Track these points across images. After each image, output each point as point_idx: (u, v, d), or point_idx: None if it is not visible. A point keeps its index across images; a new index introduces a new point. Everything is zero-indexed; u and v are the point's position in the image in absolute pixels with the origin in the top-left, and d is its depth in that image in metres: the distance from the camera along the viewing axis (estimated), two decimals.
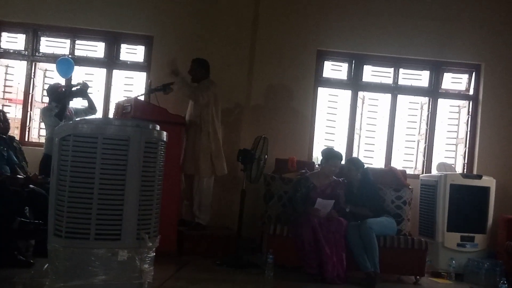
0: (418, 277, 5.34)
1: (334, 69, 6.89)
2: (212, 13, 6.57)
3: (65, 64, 6.21)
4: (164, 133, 3.84)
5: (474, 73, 6.87)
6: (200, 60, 5.96)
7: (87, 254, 3.46)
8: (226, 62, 6.38)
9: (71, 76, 6.33)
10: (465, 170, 6.79)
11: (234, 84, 6.48)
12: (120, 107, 5.65)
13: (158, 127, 3.80)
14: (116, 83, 6.69)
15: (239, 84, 6.54)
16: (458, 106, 7.00)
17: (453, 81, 6.97)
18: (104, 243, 3.48)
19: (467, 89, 6.92)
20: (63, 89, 5.79)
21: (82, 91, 5.81)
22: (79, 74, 6.52)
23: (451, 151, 7.00)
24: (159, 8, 6.53)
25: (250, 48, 6.59)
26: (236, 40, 6.56)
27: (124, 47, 6.71)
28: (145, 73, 6.63)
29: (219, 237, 5.79)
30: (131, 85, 6.70)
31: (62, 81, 6.28)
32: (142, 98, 5.74)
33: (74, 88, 5.78)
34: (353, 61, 6.82)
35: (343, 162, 5.62)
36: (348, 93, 6.85)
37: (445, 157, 6.93)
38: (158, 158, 3.72)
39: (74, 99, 5.87)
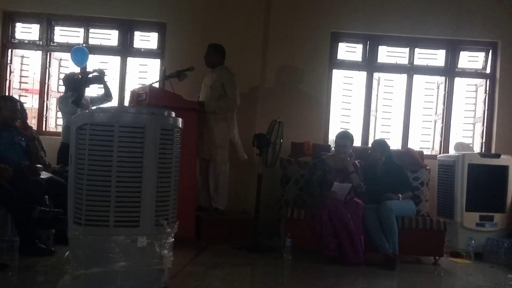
0: (437, 257, 5.33)
1: (349, 51, 6.83)
2: None
3: (80, 53, 6.24)
4: (180, 119, 3.85)
5: (490, 51, 6.78)
6: (216, 45, 5.94)
7: (107, 241, 3.50)
8: (239, 47, 6.35)
9: (86, 65, 6.36)
10: (483, 149, 6.73)
11: (248, 69, 6.45)
12: (135, 94, 5.67)
13: (173, 114, 3.81)
14: (130, 71, 6.71)
15: (253, 68, 6.51)
16: (475, 85, 6.92)
17: (470, 59, 6.88)
18: (123, 230, 3.52)
19: (484, 68, 6.84)
20: (80, 76, 5.82)
21: (99, 77, 5.84)
22: (93, 63, 6.54)
23: (468, 130, 6.93)
24: None
25: (264, 32, 6.55)
26: (249, 24, 6.53)
27: (137, 35, 6.71)
28: (159, 60, 6.64)
29: (237, 221, 5.82)
30: (146, 73, 6.71)
31: (77, 70, 6.32)
32: (156, 85, 5.75)
33: (90, 75, 5.81)
34: (368, 42, 6.76)
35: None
36: (363, 75, 6.79)
37: (463, 136, 6.87)
38: (174, 145, 3.74)
39: (91, 86, 5.91)
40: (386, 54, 6.82)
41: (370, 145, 5.98)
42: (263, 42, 6.54)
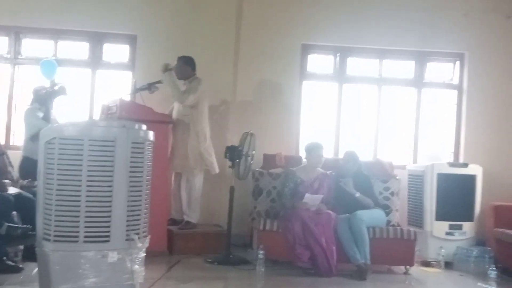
0: (408, 267, 5.38)
1: (319, 63, 6.89)
2: (195, 10, 6.55)
3: (49, 65, 6.16)
4: (151, 132, 3.82)
5: (458, 62, 6.91)
6: (186, 57, 5.94)
7: (77, 257, 3.43)
8: (211, 59, 6.35)
9: (54, 78, 6.27)
10: (452, 159, 6.83)
11: (220, 81, 6.46)
12: (105, 108, 5.63)
13: (144, 127, 3.78)
14: (100, 84, 6.65)
15: (224, 80, 6.53)
16: (443, 96, 7.03)
17: (438, 70, 7.00)
18: (93, 245, 3.46)
19: (452, 79, 6.96)
20: (44, 91, 5.74)
21: (63, 89, 5.75)
22: (62, 76, 6.46)
23: (437, 141, 7.03)
24: (142, 6, 6.50)
25: (235, 43, 6.58)
26: (220, 36, 6.55)
27: (107, 47, 6.67)
28: (130, 72, 6.60)
29: (209, 234, 5.81)
30: (116, 86, 6.65)
31: (46, 83, 6.23)
32: (127, 98, 5.72)
33: (55, 87, 5.74)
34: (338, 54, 6.84)
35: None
36: (334, 86, 6.86)
37: (432, 147, 6.97)
38: (145, 158, 3.70)
39: (56, 99, 5.82)
40: (356, 66, 6.90)
41: (341, 156, 6.02)
42: (234, 54, 6.57)
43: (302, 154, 6.28)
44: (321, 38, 6.73)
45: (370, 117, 6.89)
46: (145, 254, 3.71)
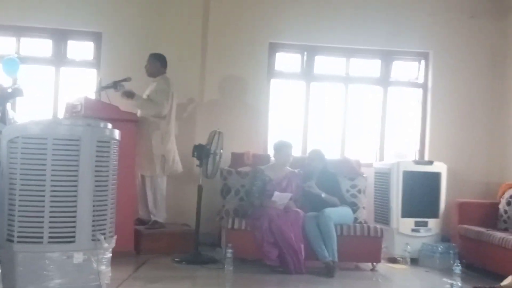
0: (375, 263, 5.44)
1: (287, 61, 6.91)
2: (162, 7, 6.48)
3: (11, 63, 6.01)
4: (117, 131, 3.78)
5: (423, 61, 7.01)
6: (156, 54, 5.90)
7: (41, 258, 3.39)
8: (178, 57, 6.28)
9: (17, 76, 6.13)
10: (417, 156, 6.93)
11: (187, 79, 6.41)
12: (70, 106, 5.53)
13: (110, 126, 3.74)
14: (65, 82, 6.52)
15: (192, 79, 6.48)
16: (409, 94, 7.13)
17: (403, 69, 7.09)
18: (58, 246, 3.42)
19: (417, 77, 7.07)
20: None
21: (18, 91, 5.61)
22: (25, 73, 6.32)
23: (403, 138, 7.13)
24: (107, 3, 6.40)
25: (202, 42, 6.54)
26: (187, 34, 6.49)
27: (72, 44, 6.54)
28: (95, 70, 6.50)
29: (177, 234, 5.76)
30: (81, 83, 6.54)
31: (8, 81, 6.09)
32: (92, 96, 5.63)
33: (9, 89, 5.59)
34: (305, 53, 6.87)
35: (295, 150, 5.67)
36: (301, 85, 6.89)
37: (398, 144, 7.06)
38: (111, 157, 3.67)
39: (12, 100, 5.68)
40: (323, 64, 6.94)
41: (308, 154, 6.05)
42: (201, 52, 6.52)
43: (270, 152, 6.30)
44: (288, 36, 6.75)
45: (337, 115, 6.94)
46: (111, 254, 3.68)
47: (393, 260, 5.84)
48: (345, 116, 6.92)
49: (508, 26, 6.81)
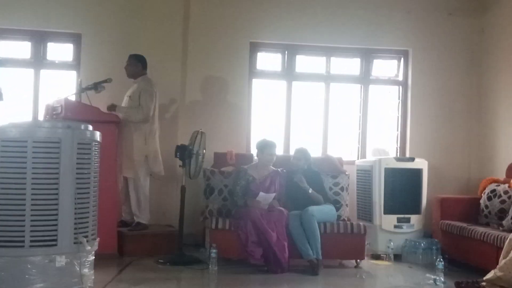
0: (358, 260, 5.47)
1: (268, 61, 6.92)
2: (142, 7, 6.45)
3: None
4: (98, 133, 3.76)
5: (402, 59, 7.07)
6: (136, 55, 5.88)
7: (23, 262, 3.36)
8: (159, 58, 6.26)
9: None
10: (398, 153, 6.99)
11: (169, 80, 6.39)
12: (50, 108, 5.48)
13: (90, 127, 3.72)
14: (44, 84, 6.45)
15: (173, 79, 6.46)
16: (389, 92, 7.18)
17: (383, 67, 7.14)
18: (40, 250, 3.39)
19: (397, 75, 7.12)
20: None
21: None
22: (4, 76, 6.26)
23: (384, 136, 7.18)
24: (87, 5, 6.34)
25: (183, 42, 6.52)
26: (167, 35, 6.47)
27: (51, 46, 6.48)
28: (75, 72, 6.44)
29: (161, 235, 5.74)
30: (61, 85, 6.48)
31: None
32: (73, 98, 5.59)
33: None
34: (286, 52, 6.88)
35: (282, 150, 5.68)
36: (282, 84, 6.90)
37: (379, 142, 7.11)
38: (92, 159, 3.65)
39: None
40: (304, 63, 6.96)
41: (291, 153, 6.07)
42: (182, 53, 6.51)
43: (253, 151, 6.31)
44: (269, 36, 6.76)
45: (319, 113, 6.97)
46: (94, 257, 3.65)
47: (376, 257, 5.89)
48: (326, 114, 6.95)
49: (485, 23, 6.89)
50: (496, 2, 6.70)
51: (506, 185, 5.54)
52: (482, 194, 5.75)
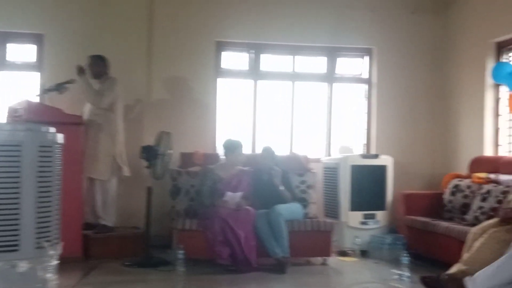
0: (326, 257, 5.52)
1: (234, 60, 6.92)
2: (105, 7, 6.38)
3: None
4: (60, 135, 3.70)
5: (367, 57, 7.14)
6: (99, 56, 5.81)
7: None
8: (123, 57, 6.21)
9: None
10: (364, 151, 7.06)
11: (134, 80, 6.35)
12: (11, 110, 5.38)
13: (53, 129, 3.66)
14: (5, 86, 6.33)
15: (138, 79, 6.42)
16: (354, 90, 7.25)
17: (348, 65, 7.20)
18: (1, 255, 3.31)
19: (361, 73, 7.19)
20: None
21: None
22: None
23: (350, 133, 7.24)
24: (49, 4, 6.25)
25: (148, 41, 6.47)
26: (132, 34, 6.43)
27: (12, 47, 6.36)
28: (38, 73, 6.33)
29: (127, 237, 5.70)
30: (23, 87, 6.36)
31: None
32: (35, 99, 5.49)
33: None
34: (252, 51, 6.89)
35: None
36: (249, 83, 6.91)
37: (345, 139, 7.17)
38: (54, 162, 3.58)
39: None
40: (270, 62, 6.98)
41: (258, 152, 6.08)
42: (147, 53, 6.46)
43: (220, 151, 6.30)
44: (234, 35, 6.75)
45: (285, 112, 6.99)
46: (58, 261, 3.59)
47: (343, 253, 5.94)
48: (292, 112, 6.98)
49: (448, 21, 7.01)
50: (458, 0, 6.82)
51: (469, 180, 5.65)
52: (445, 189, 5.85)
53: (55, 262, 3.54)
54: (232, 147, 5.58)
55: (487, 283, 3.74)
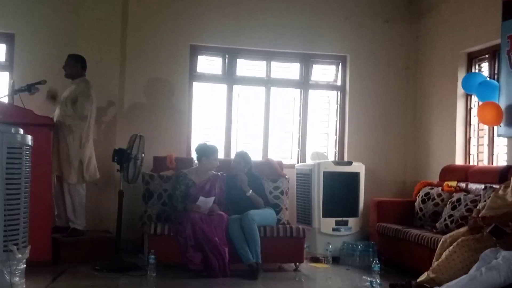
0: (298, 263, 5.52)
1: (209, 64, 6.90)
2: (78, 7, 6.29)
3: None
4: (29, 136, 3.63)
5: (340, 64, 7.19)
6: (77, 56, 5.73)
7: None
8: (96, 59, 6.10)
9: None
10: (337, 157, 7.10)
11: (107, 82, 6.26)
12: None
13: (21, 131, 3.58)
14: None
15: (111, 81, 6.34)
16: (328, 97, 7.29)
17: (322, 72, 7.24)
18: None
19: (335, 80, 7.24)
20: None
21: None
22: None
23: (323, 140, 7.27)
24: (20, 3, 6.14)
25: (121, 43, 6.41)
26: (106, 36, 6.34)
27: None
28: (7, 73, 6.21)
29: (98, 241, 5.62)
30: None
31: None
32: (4, 100, 5.38)
33: None
34: (227, 56, 6.87)
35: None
36: (223, 87, 6.89)
37: (318, 146, 7.19)
38: (23, 164, 3.51)
39: None
40: (244, 67, 6.97)
41: (232, 157, 6.07)
42: (121, 54, 6.40)
43: (194, 156, 6.26)
44: (209, 39, 6.73)
45: (259, 117, 6.99)
46: (26, 265, 3.52)
47: (315, 260, 5.96)
48: (267, 118, 6.98)
49: (420, 30, 7.11)
50: (431, 9, 6.91)
51: (440, 188, 5.72)
52: (417, 197, 5.91)
53: (23, 266, 3.47)
54: (206, 152, 5.55)
55: None
